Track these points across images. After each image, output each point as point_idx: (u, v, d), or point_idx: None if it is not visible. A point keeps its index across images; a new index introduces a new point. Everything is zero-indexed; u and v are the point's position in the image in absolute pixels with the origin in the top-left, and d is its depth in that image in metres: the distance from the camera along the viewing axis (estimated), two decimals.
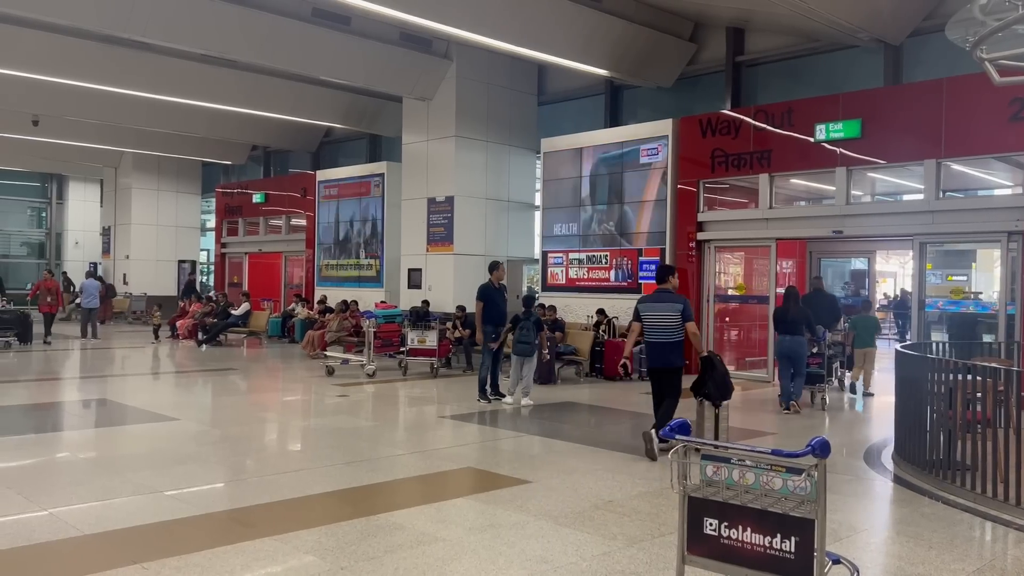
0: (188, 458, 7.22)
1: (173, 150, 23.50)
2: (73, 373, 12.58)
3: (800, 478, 3.22)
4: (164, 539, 4.78)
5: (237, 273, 23.66)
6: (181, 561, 4.34)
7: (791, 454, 3.27)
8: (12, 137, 21.60)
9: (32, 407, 9.69)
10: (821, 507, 3.16)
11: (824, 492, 3.19)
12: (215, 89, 16.83)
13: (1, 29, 13.69)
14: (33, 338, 16.72)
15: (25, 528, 4.90)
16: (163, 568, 4.23)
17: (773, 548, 3.25)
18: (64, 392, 10.89)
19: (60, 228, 31.27)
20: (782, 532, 3.23)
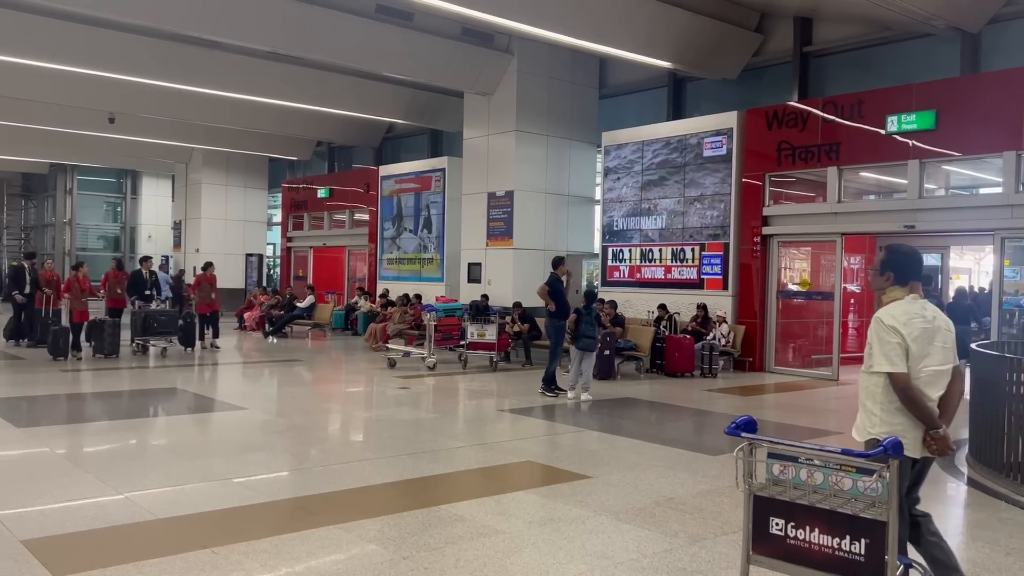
0: (255, 446, 7.41)
1: (241, 146, 24.08)
2: (143, 362, 12.99)
3: (871, 479, 3.13)
4: (232, 525, 4.91)
5: (302, 267, 24.14)
6: (249, 547, 4.45)
7: (862, 454, 3.17)
8: (90, 134, 22.42)
9: (107, 394, 10.06)
10: (893, 509, 3.07)
11: (896, 493, 3.09)
12: (281, 85, 17.16)
13: (79, 30, 14.20)
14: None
15: (103, 511, 5.10)
16: (232, 553, 4.34)
17: (842, 550, 3.17)
18: (137, 381, 11.26)
19: (134, 222, 32.36)
20: (852, 534, 3.14)
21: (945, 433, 3.43)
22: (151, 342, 13.98)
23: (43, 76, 16.41)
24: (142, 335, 13.84)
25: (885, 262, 3.61)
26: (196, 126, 21.85)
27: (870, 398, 3.52)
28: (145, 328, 13.81)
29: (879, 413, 3.49)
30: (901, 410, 3.44)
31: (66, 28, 14.06)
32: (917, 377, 3.43)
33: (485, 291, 15.65)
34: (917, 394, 3.42)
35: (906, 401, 3.42)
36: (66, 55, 14.74)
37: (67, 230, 31.88)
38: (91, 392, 10.17)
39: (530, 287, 15.55)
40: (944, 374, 3.48)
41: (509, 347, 13.71)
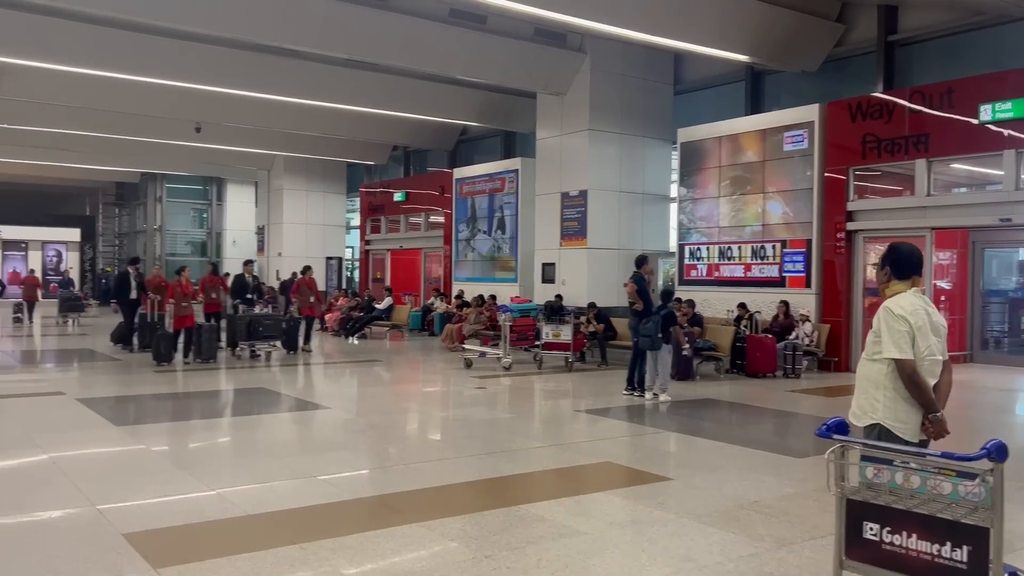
0: (339, 445, 7.58)
1: (320, 152, 24.68)
2: (230, 363, 13.42)
3: (973, 483, 2.99)
4: (319, 521, 5.03)
5: (380, 269, 24.58)
6: (335, 543, 4.55)
7: (963, 457, 3.04)
8: (178, 144, 23.33)
9: (198, 395, 10.44)
10: (998, 515, 2.93)
11: (1001, 499, 2.95)
12: (358, 92, 17.51)
13: (168, 44, 14.79)
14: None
15: (197, 507, 5.29)
16: (319, 549, 4.45)
17: (942, 557, 3.04)
18: (227, 382, 11.64)
19: (220, 228, 33.51)
20: (953, 540, 3.02)
21: (942, 417, 3.66)
22: (256, 346, 13.99)
23: (134, 89, 17.16)
24: (247, 339, 13.83)
25: (884, 258, 3.91)
26: (277, 134, 22.50)
27: (872, 384, 3.74)
28: (250, 332, 13.80)
29: (882, 399, 3.70)
30: (905, 398, 3.66)
31: (155, 42, 14.66)
32: (920, 364, 3.65)
33: (559, 291, 15.63)
34: (922, 379, 3.63)
35: (911, 386, 3.63)
36: (155, 68, 15.37)
37: (157, 236, 33.26)
38: (183, 392, 10.57)
39: (604, 287, 15.50)
40: (939, 364, 3.74)
41: (584, 347, 13.66)
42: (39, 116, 19.69)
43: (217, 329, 13.59)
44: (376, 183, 25.55)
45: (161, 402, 9.92)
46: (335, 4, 13.25)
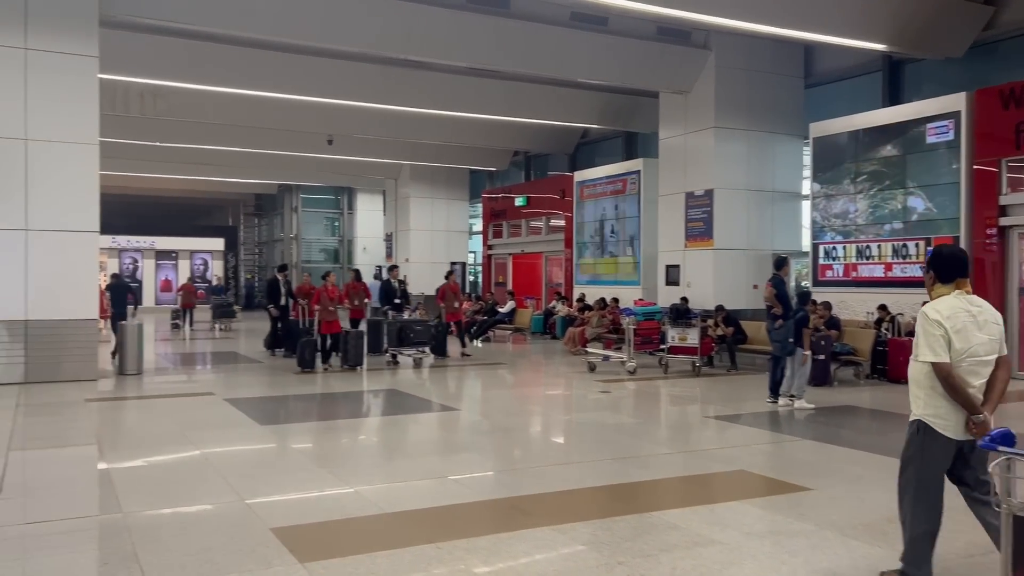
0: (467, 446, 7.72)
1: (444, 160, 25.27)
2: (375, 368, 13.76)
3: None
4: (452, 521, 5.13)
5: (502, 273, 24.89)
6: (469, 544, 4.62)
7: None
8: (312, 156, 24.46)
9: (335, 396, 10.88)
10: None
11: None
12: (480, 99, 17.80)
13: (303, 61, 15.54)
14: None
15: (337, 504, 5.51)
16: (454, 549, 4.53)
17: None
18: (358, 384, 12.06)
19: (351, 235, 34.88)
20: None
21: (986, 419, 3.61)
22: (405, 352, 13.88)
23: (272, 106, 18.12)
24: (397, 345, 13.75)
25: (928, 262, 3.97)
26: (404, 143, 23.19)
27: (916, 384, 3.82)
28: (400, 339, 13.70)
29: (923, 397, 3.77)
30: (943, 395, 3.69)
31: (292, 60, 15.43)
32: (959, 366, 3.67)
33: (684, 293, 15.31)
34: (958, 382, 3.65)
35: (948, 388, 3.66)
36: (292, 85, 16.17)
37: (294, 244, 34.96)
38: (321, 394, 11.03)
39: (732, 289, 15.08)
40: (988, 363, 3.72)
41: (713, 351, 13.32)
42: (188, 134, 21.10)
43: (362, 335, 13.47)
44: (497, 189, 25.88)
45: (301, 403, 10.40)
46: (458, 14, 13.54)
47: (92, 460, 6.93)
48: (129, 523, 4.97)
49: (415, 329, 13.83)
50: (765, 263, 15.36)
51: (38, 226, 11.13)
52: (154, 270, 34.53)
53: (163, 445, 7.53)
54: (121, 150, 20.98)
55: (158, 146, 22.24)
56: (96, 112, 11.55)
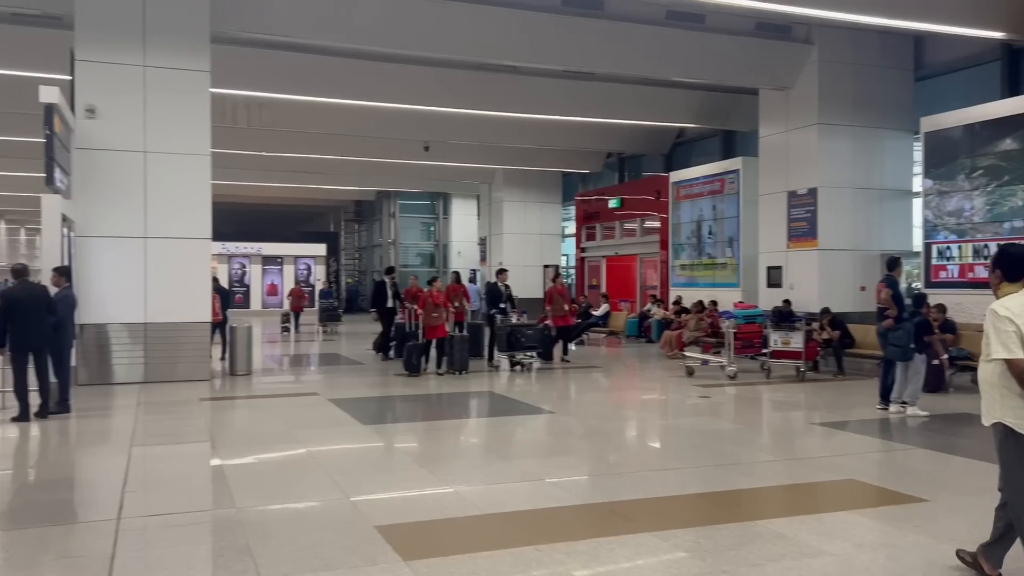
0: (564, 449, 7.70)
1: (537, 163, 25.35)
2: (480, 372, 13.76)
3: None
4: (551, 524, 5.11)
5: (595, 276, 24.75)
6: (569, 547, 4.60)
7: None
8: (409, 163, 24.98)
9: (432, 397, 11.05)
10: None
11: None
12: (574, 102, 17.77)
13: (400, 70, 15.88)
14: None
15: (438, 503, 5.59)
16: (554, 552, 4.52)
17: None
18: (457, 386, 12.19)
19: (446, 240, 35.44)
20: None
21: None
22: (516, 356, 13.63)
23: (371, 114, 18.59)
24: (507, 349, 13.50)
25: (994, 261, 3.97)
26: (498, 148, 23.39)
27: (989, 385, 3.81)
28: (511, 343, 13.45)
29: (998, 398, 3.75)
30: (1019, 394, 3.66)
31: (390, 69, 15.80)
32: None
33: (787, 296, 14.84)
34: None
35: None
36: (390, 94, 16.56)
37: (391, 249, 35.78)
38: (420, 395, 11.20)
39: (838, 290, 14.52)
40: None
41: (818, 356, 12.85)
42: (291, 143, 21.90)
43: (466, 340, 13.27)
44: (591, 191, 25.77)
45: (402, 404, 10.62)
46: (552, 18, 13.56)
47: (206, 456, 7.27)
48: (242, 518, 5.18)
49: (526, 333, 13.55)
50: (872, 264, 14.75)
51: (155, 234, 11.76)
52: (261, 275, 35.95)
53: (272, 443, 7.83)
54: (230, 160, 21.95)
55: (264, 155, 23.15)
56: (208, 124, 12.11)
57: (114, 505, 5.45)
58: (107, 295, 11.42)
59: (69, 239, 10.99)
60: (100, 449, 7.79)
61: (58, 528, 5.08)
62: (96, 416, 9.28)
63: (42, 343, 8.75)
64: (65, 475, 6.78)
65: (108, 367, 11.50)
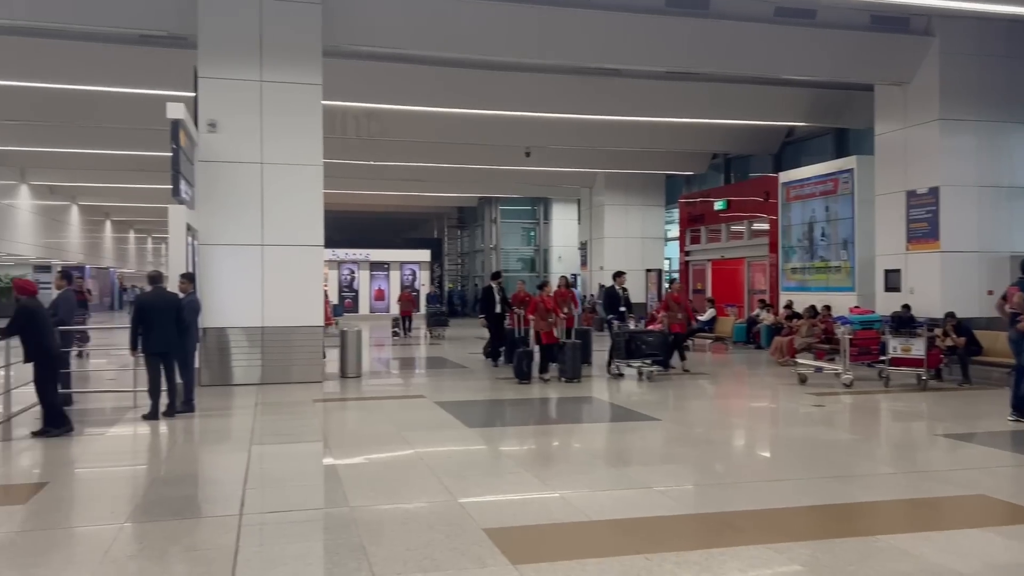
0: (672, 457, 7.56)
1: (639, 166, 25.09)
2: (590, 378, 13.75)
3: None
4: (660, 533, 5.03)
5: (700, 280, 24.25)
6: (679, 557, 4.51)
7: None
8: (510, 168, 25.18)
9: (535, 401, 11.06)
10: None
11: None
12: (677, 103, 17.49)
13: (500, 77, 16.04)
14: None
15: (544, 508, 5.58)
16: (664, 562, 4.44)
17: None
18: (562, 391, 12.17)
19: (546, 244, 35.53)
20: None
21: None
22: (633, 364, 12.88)
23: (474, 122, 18.86)
24: (626, 357, 12.82)
25: None
26: (599, 151, 23.28)
27: None
28: (629, 350, 12.75)
29: None
30: None
31: (491, 77, 15.99)
32: None
33: (906, 300, 14.12)
34: None
35: None
36: (493, 101, 16.76)
37: (493, 254, 36.15)
38: (525, 399, 11.21)
39: (963, 295, 13.73)
40: None
41: (941, 363, 12.17)
42: (397, 152, 22.47)
43: (578, 347, 12.71)
44: (695, 193, 25.29)
45: (507, 408, 10.70)
46: (656, 19, 13.41)
47: (320, 456, 7.52)
48: (355, 516, 5.33)
49: (646, 340, 12.80)
50: (1001, 266, 13.88)
51: (272, 241, 12.28)
52: (368, 280, 37.02)
53: (381, 444, 8.03)
54: (339, 169, 22.69)
55: (371, 165, 23.84)
56: (320, 135, 12.56)
57: (236, 501, 5.71)
58: (227, 300, 12.00)
59: (193, 247, 11.62)
60: (222, 447, 8.19)
61: (186, 522, 5.37)
62: (218, 415, 9.76)
63: (171, 347, 9.28)
64: (190, 471, 7.15)
65: (228, 369, 12.08)
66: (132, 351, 9.26)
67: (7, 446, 7.83)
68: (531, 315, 12.72)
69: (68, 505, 5.93)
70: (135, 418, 9.27)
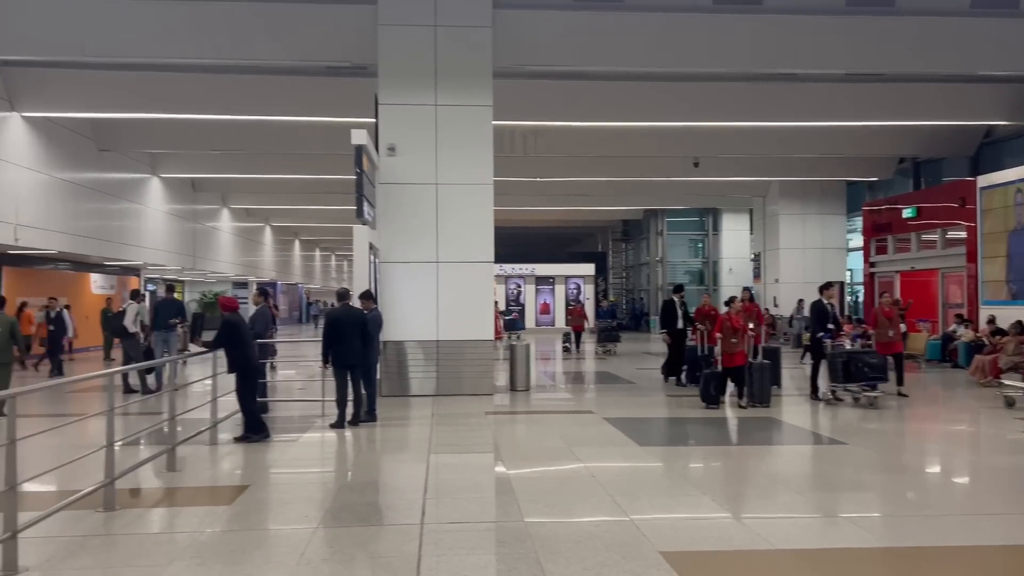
0: (861, 484, 7.08)
1: (817, 173, 23.90)
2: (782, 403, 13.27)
3: None
4: (851, 566, 4.71)
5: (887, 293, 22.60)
6: None
7: None
8: (677, 180, 24.73)
9: (710, 421, 10.72)
10: None
11: None
12: (860, 106, 16.51)
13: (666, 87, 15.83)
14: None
15: (724, 533, 5.38)
16: None
17: None
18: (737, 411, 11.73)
19: (716, 256, 34.55)
20: None
21: None
22: (851, 388, 11.60)
23: (639, 134, 18.75)
24: (843, 380, 11.49)
25: None
26: (772, 159, 22.41)
27: None
28: (848, 373, 11.40)
29: None
30: None
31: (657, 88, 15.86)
32: None
33: None
34: None
35: None
36: (661, 112, 16.58)
37: (659, 268, 35.60)
38: (696, 419, 10.91)
39: None
40: None
41: None
42: (562, 168, 22.69)
43: (767, 368, 11.65)
44: (880, 200, 23.72)
45: (679, 426, 10.45)
46: (838, 20, 12.78)
47: (493, 468, 7.67)
48: (530, 531, 5.37)
49: (868, 362, 11.31)
50: None
51: (446, 258, 12.73)
52: (534, 295, 37.54)
53: (552, 458, 8.07)
54: (506, 187, 23.22)
55: (537, 180, 24.20)
56: (490, 155, 12.91)
57: (417, 510, 5.92)
58: (405, 315, 12.56)
59: (374, 265, 12.26)
60: (402, 456, 8.54)
61: (371, 528, 5.63)
62: (397, 425, 10.20)
63: (357, 360, 9.83)
64: (374, 479, 7.51)
65: (406, 381, 12.62)
66: (323, 364, 9.89)
67: (214, 450, 8.57)
68: (717, 334, 11.63)
69: (266, 507, 6.39)
70: (323, 426, 9.88)
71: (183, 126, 18.44)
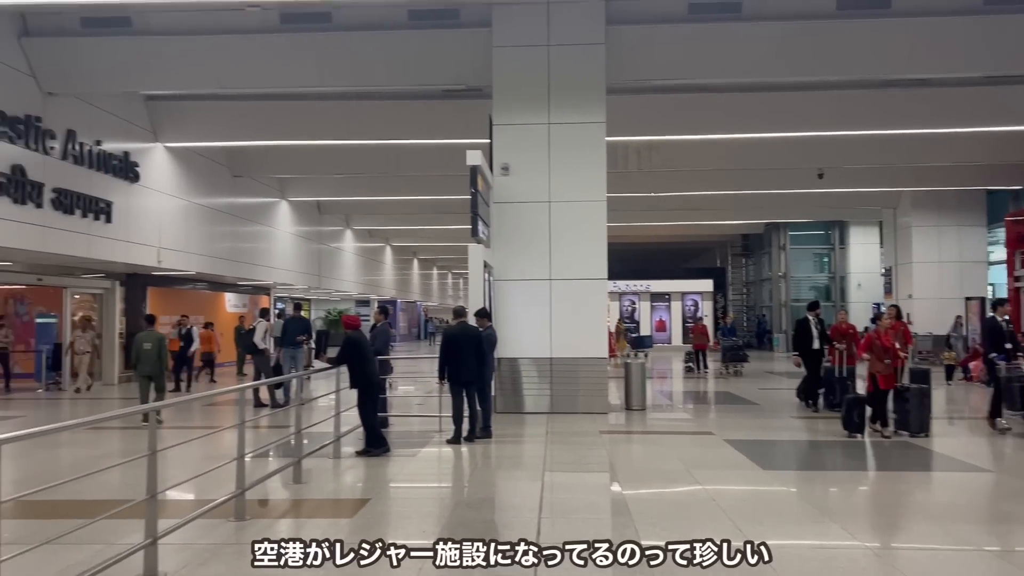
0: (1009, 515, 6.54)
1: (953, 182, 22.51)
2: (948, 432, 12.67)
3: None
4: None
5: None
6: None
7: None
8: (800, 192, 23.83)
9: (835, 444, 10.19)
10: None
11: None
12: (1000, 109, 15.41)
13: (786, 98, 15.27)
14: None
15: (855, 563, 5.07)
16: None
17: None
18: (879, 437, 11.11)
19: (843, 271, 33.02)
20: None
21: None
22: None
23: (758, 146, 18.17)
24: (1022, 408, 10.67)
25: None
26: (903, 169, 21.27)
27: None
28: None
29: None
30: None
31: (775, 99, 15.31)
32: None
33: None
34: None
35: None
36: (780, 123, 16.02)
37: (782, 283, 34.35)
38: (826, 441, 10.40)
39: None
40: None
41: None
42: (678, 182, 22.28)
43: (927, 394, 10.52)
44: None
45: (804, 450, 10.01)
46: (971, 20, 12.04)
47: (609, 488, 7.55)
48: None
49: None
50: None
51: (558, 275, 12.73)
52: (649, 311, 37.00)
53: (669, 480, 7.87)
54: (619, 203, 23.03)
55: (651, 196, 23.87)
56: (603, 172, 12.84)
57: (532, 529, 5.90)
58: (519, 333, 12.62)
59: (489, 283, 12.40)
60: (518, 473, 8.55)
61: None
62: (512, 442, 10.23)
63: (473, 377, 9.96)
64: (489, 495, 7.54)
65: (520, 398, 12.66)
66: (440, 380, 10.07)
67: (337, 463, 8.85)
68: (864, 353, 10.79)
69: (386, 521, 6.51)
70: (440, 442, 10.03)
71: (309, 151, 19.35)
